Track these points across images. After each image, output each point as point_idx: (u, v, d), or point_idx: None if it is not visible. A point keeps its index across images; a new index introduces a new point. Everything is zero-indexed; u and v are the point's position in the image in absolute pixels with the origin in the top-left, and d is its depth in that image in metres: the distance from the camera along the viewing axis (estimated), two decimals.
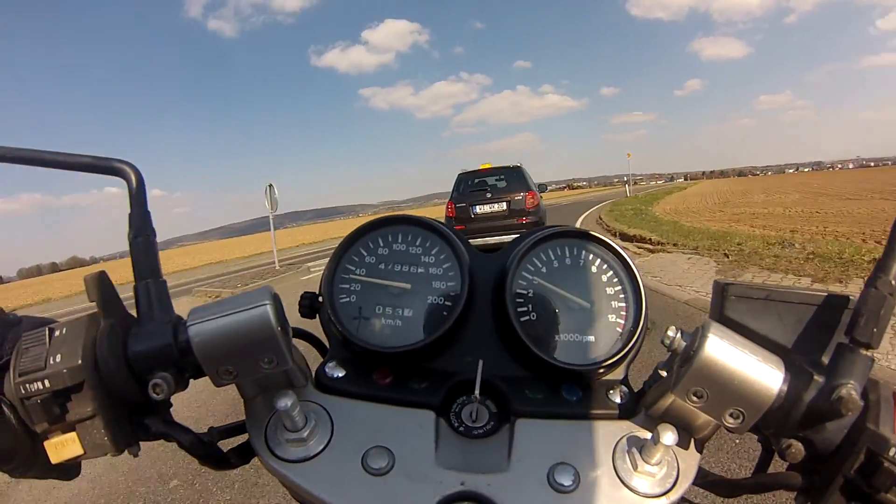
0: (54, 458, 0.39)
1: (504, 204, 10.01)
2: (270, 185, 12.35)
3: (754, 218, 14.22)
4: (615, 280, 0.51)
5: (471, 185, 10.60)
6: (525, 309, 0.49)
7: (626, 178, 49.22)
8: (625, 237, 11.76)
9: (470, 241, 0.55)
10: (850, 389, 0.35)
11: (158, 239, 0.45)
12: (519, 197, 9.97)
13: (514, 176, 10.57)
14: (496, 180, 10.72)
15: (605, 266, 0.51)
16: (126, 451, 0.41)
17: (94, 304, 0.41)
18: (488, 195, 10.21)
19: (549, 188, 13.82)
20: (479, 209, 10.13)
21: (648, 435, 0.41)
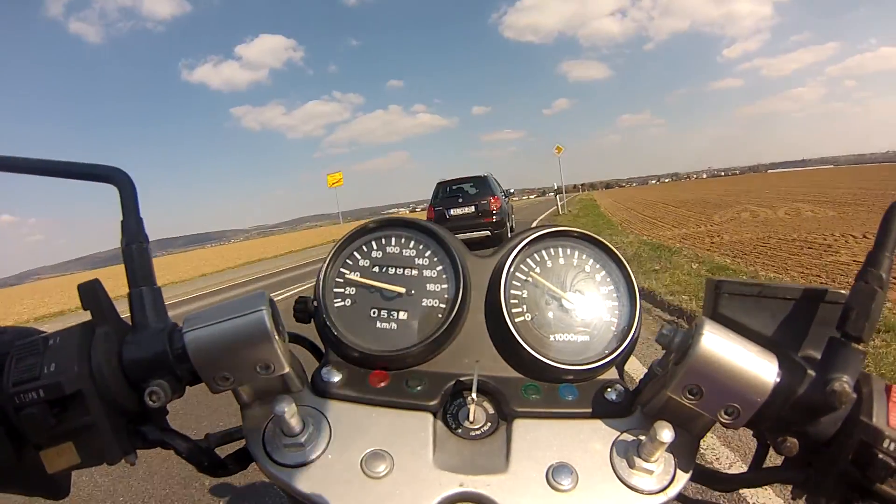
0: (50, 468, 0.39)
1: (472, 207, 12.58)
2: None
3: None
4: (608, 279, 0.51)
5: (447, 192, 13.45)
6: (520, 310, 0.50)
7: (556, 187, 32.21)
8: None
9: None
10: (843, 383, 0.36)
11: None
12: (485, 201, 12.54)
13: (482, 183, 13.26)
14: (468, 187, 13.37)
15: (598, 265, 0.52)
16: (123, 460, 0.41)
17: (87, 312, 0.41)
18: (460, 200, 12.89)
19: (513, 193, 16.02)
20: (453, 211, 12.73)
21: (645, 433, 0.41)
